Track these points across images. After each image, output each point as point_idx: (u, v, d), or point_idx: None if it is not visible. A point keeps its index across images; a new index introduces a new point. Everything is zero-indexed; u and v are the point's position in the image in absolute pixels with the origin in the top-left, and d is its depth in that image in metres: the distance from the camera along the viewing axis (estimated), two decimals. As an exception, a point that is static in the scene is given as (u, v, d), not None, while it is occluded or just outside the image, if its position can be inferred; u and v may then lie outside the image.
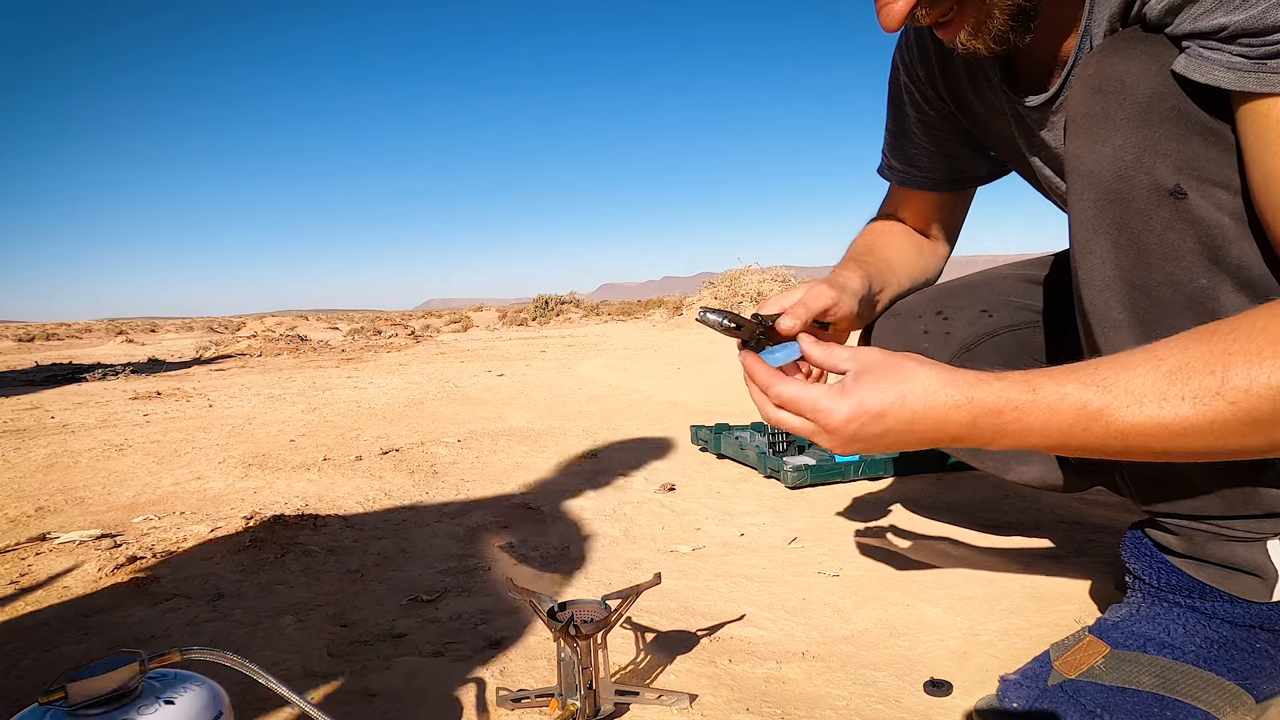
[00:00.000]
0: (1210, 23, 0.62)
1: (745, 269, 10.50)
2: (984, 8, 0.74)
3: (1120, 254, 0.72)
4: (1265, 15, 0.58)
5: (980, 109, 1.00)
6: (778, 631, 1.00)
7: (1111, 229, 0.72)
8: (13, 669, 0.96)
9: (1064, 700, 0.74)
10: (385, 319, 18.34)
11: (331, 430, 2.70)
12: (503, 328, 13.02)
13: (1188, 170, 0.67)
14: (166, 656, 0.55)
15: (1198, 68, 0.64)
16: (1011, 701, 0.77)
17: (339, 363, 6.13)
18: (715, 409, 2.84)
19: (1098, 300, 0.75)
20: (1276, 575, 0.73)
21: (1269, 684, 0.74)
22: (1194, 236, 0.68)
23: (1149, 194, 0.69)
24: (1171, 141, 0.68)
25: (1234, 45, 0.61)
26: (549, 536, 1.44)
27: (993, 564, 1.20)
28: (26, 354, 10.66)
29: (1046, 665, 0.78)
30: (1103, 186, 0.72)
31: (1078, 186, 0.75)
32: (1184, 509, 0.75)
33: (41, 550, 1.42)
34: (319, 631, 1.04)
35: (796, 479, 1.67)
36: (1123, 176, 0.70)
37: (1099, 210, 0.73)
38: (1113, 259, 0.73)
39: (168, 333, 17.66)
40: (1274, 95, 0.60)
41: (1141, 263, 0.71)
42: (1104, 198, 0.72)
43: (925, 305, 1.10)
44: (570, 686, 0.77)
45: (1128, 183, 0.70)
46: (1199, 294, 0.69)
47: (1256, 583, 0.73)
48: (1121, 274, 0.73)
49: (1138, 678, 0.74)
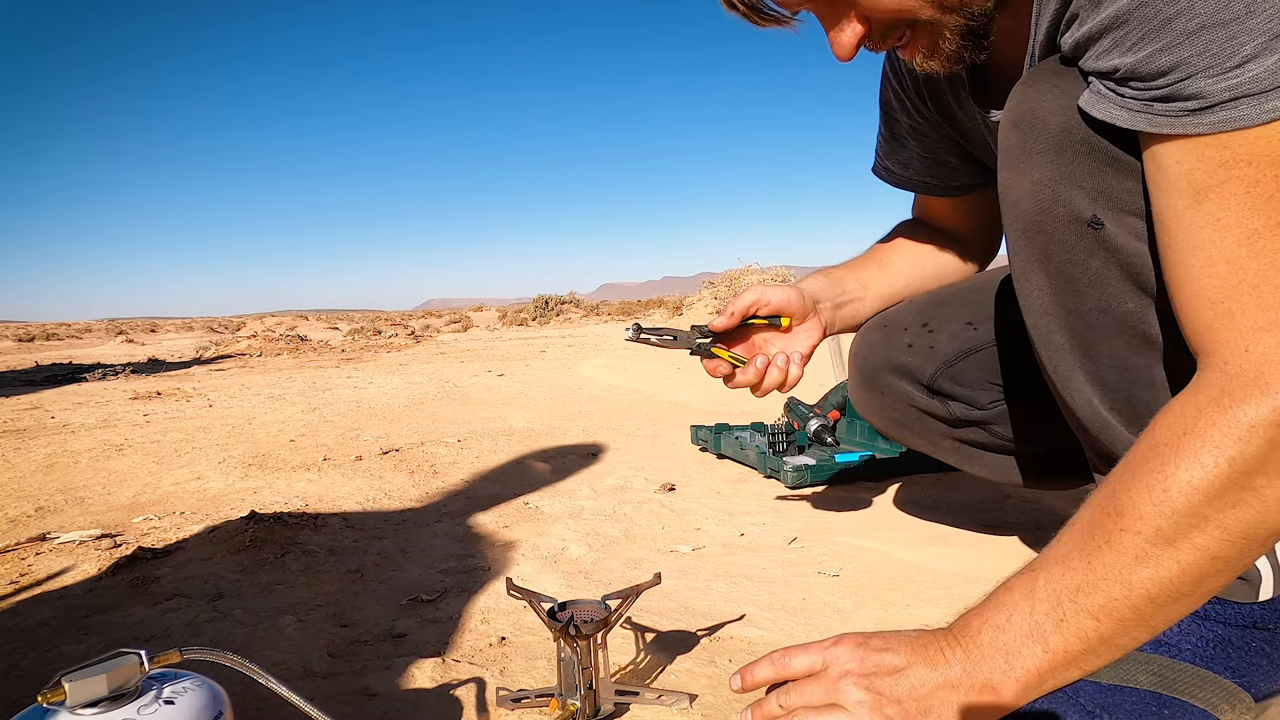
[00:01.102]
0: (1107, 63, 0.62)
1: (745, 269, 10.50)
2: (934, 31, 0.75)
3: (1052, 281, 0.74)
4: (1151, 60, 0.58)
5: (963, 119, 1.00)
6: (778, 631, 1.00)
7: (1041, 258, 0.74)
8: (13, 669, 0.96)
9: (1063, 700, 0.72)
10: (385, 319, 18.34)
11: (331, 430, 2.70)
12: (503, 328, 13.02)
13: (1103, 201, 0.69)
14: (166, 656, 0.55)
15: (1097, 104, 0.65)
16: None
17: (339, 363, 6.13)
18: (715, 409, 2.84)
19: (1039, 325, 0.78)
20: (1260, 577, 0.73)
21: (1266, 682, 0.74)
22: (1116, 264, 0.70)
23: (1069, 224, 0.71)
24: (1086, 174, 0.69)
25: (1126, 87, 0.61)
26: (549, 536, 1.44)
27: (993, 564, 1.20)
28: (26, 354, 10.66)
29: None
30: (1027, 219, 0.74)
31: (1009, 217, 0.77)
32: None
33: (41, 550, 1.42)
34: (319, 631, 1.04)
35: (796, 479, 1.67)
36: (1043, 209, 0.72)
37: (1027, 240, 0.75)
38: (1047, 286, 0.75)
39: (168, 333, 17.66)
40: (1162, 138, 0.60)
41: (1071, 290, 0.73)
42: (1030, 229, 0.74)
43: (912, 316, 1.11)
44: (570, 686, 0.77)
45: (1048, 214, 0.72)
46: (1129, 318, 0.71)
47: (1241, 585, 0.73)
48: (1056, 300, 0.75)
49: (1135, 676, 0.73)
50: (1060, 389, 0.80)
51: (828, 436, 1.97)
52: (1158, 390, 0.74)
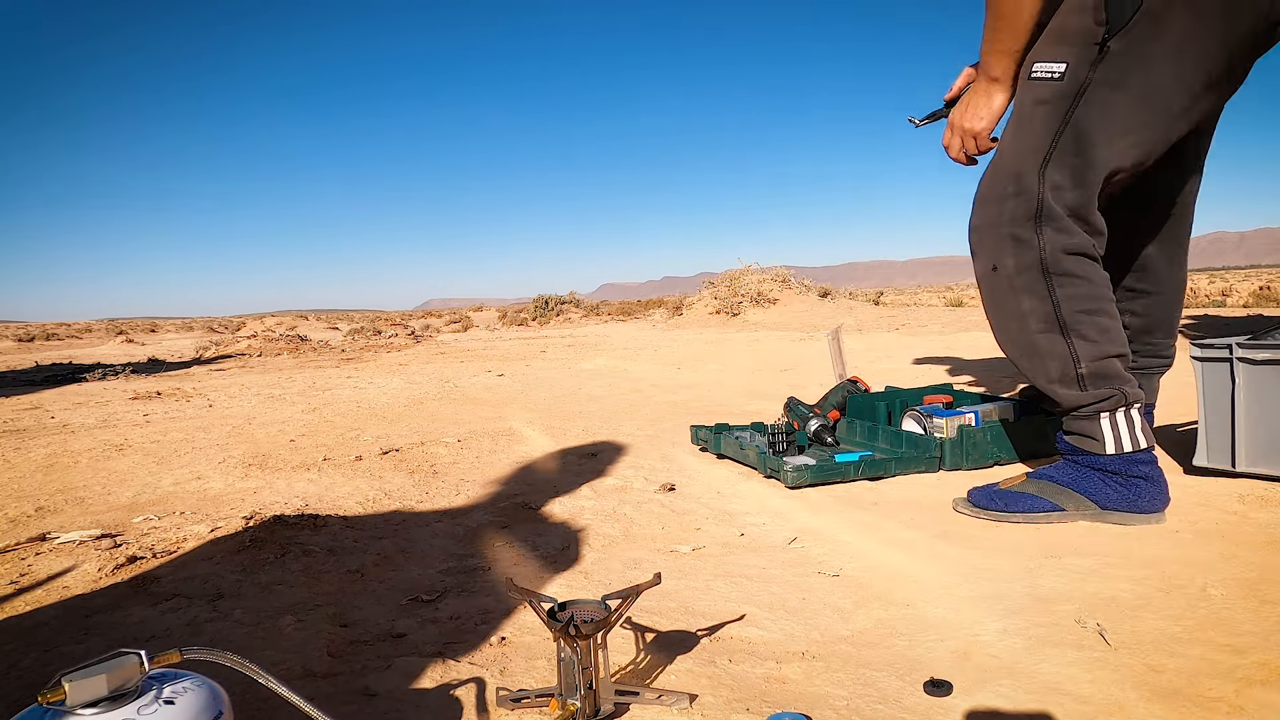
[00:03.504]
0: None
1: (745, 269, 10.49)
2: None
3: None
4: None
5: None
6: (777, 631, 1.00)
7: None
8: (13, 669, 0.96)
9: (997, 495, 1.45)
10: (385, 319, 18.33)
11: (331, 430, 2.70)
12: (503, 328, 13.02)
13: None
14: (166, 656, 0.55)
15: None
16: (975, 497, 1.47)
17: (339, 363, 6.13)
18: (715, 409, 2.84)
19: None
20: (1104, 438, 1.36)
21: (1111, 502, 1.36)
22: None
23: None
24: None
25: None
26: (549, 536, 1.44)
27: (993, 564, 1.20)
28: (26, 354, 10.65)
29: (995, 484, 1.48)
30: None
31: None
32: (1060, 409, 1.42)
33: (41, 550, 1.42)
34: (319, 631, 1.04)
35: (796, 479, 1.67)
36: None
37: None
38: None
39: (168, 333, 17.65)
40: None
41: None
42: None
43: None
44: (570, 686, 0.77)
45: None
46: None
47: (1094, 443, 1.37)
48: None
49: (1028, 488, 1.43)
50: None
51: (828, 436, 1.97)
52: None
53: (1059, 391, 1.38)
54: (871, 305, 10.83)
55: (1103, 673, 0.85)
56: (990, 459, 1.79)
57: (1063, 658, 0.89)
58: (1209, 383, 1.54)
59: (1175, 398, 2.03)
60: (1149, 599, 1.04)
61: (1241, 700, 0.79)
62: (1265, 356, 1.45)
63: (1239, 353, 1.48)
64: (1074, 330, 1.35)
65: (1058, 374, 1.37)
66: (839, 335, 2.35)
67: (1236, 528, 1.30)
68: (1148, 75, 1.27)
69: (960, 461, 1.78)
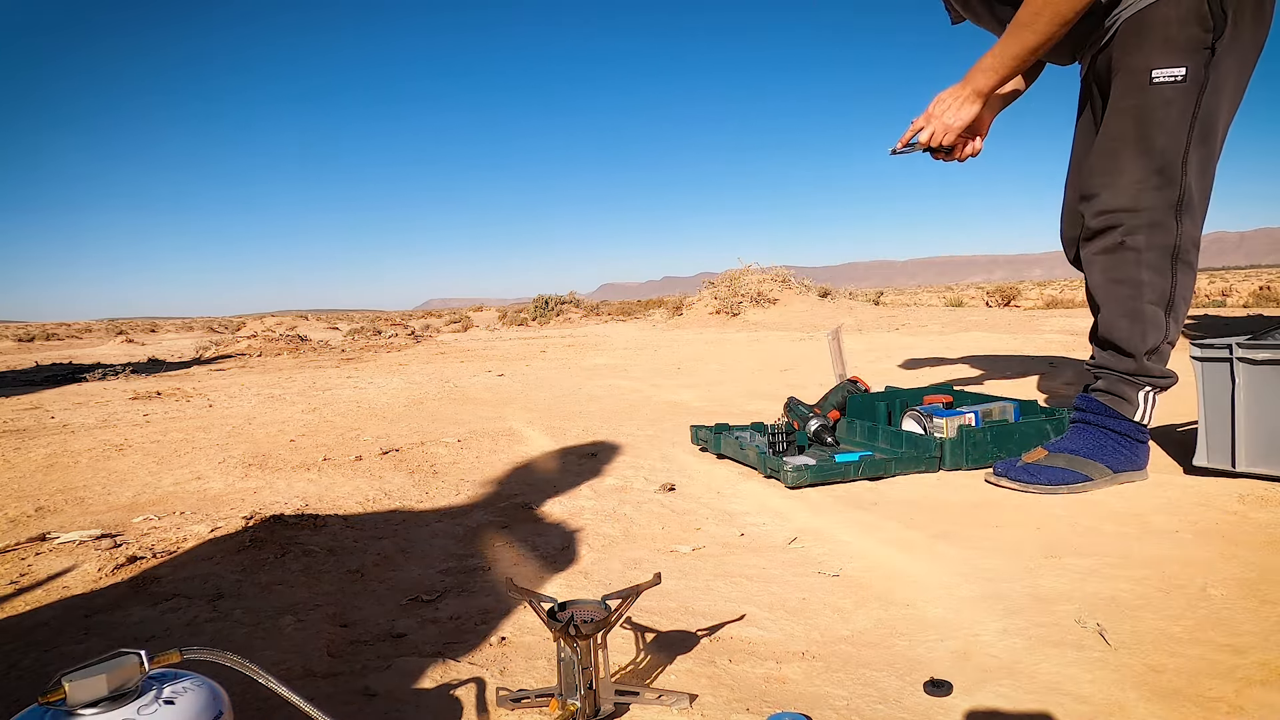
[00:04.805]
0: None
1: (745, 269, 10.49)
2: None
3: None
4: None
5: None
6: (777, 631, 1.00)
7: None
8: (13, 669, 0.96)
9: (1022, 469, 1.62)
10: (385, 319, 18.32)
11: (331, 430, 2.70)
12: (503, 328, 13.02)
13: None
14: (166, 656, 0.55)
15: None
16: (999, 471, 1.65)
17: (339, 363, 6.13)
18: (715, 409, 2.84)
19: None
20: (1138, 407, 1.59)
21: (1122, 466, 1.58)
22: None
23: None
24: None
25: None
26: (549, 536, 1.44)
27: (993, 564, 1.20)
28: (26, 354, 10.65)
29: (1017, 458, 1.66)
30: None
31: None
32: (1119, 370, 1.61)
33: (41, 550, 1.42)
34: (319, 631, 1.04)
35: (796, 479, 1.67)
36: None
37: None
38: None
39: (168, 333, 17.65)
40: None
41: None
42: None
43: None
44: (570, 686, 0.77)
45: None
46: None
47: (1127, 406, 1.59)
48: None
49: (1057, 461, 1.60)
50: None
51: (828, 436, 1.97)
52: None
53: (1144, 359, 1.56)
54: (871, 305, 10.83)
55: (1103, 673, 0.85)
56: (990, 459, 1.79)
57: (1063, 658, 0.89)
58: (1209, 383, 1.54)
59: (1175, 398, 2.03)
60: (1149, 599, 1.04)
61: (1241, 700, 0.79)
62: (1265, 356, 1.45)
63: (1239, 353, 1.48)
64: (1174, 312, 1.55)
65: (1154, 343, 1.55)
66: (839, 335, 2.35)
67: (1236, 528, 1.30)
68: (1235, 72, 1.52)
69: (960, 461, 1.78)
